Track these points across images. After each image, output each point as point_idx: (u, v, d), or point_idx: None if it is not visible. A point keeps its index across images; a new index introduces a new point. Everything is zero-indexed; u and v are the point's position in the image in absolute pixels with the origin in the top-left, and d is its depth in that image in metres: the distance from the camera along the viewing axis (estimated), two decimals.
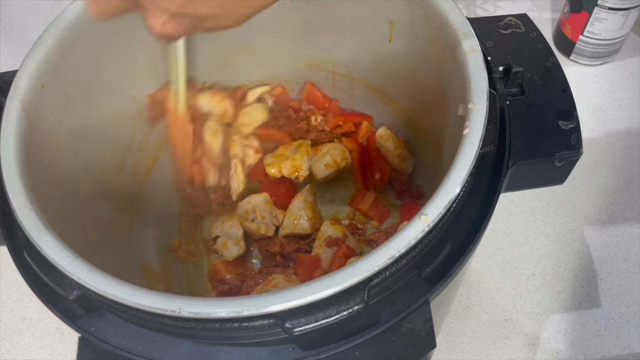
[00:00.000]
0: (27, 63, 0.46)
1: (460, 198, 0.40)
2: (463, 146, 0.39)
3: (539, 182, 0.52)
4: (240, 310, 0.34)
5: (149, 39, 0.57)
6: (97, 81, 0.54)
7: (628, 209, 0.73)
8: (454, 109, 0.45)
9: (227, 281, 0.62)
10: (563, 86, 0.51)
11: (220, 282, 0.62)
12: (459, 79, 0.44)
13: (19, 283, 0.71)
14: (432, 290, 0.41)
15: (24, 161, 0.43)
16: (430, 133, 0.60)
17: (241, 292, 0.61)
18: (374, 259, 0.35)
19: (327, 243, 0.61)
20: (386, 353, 0.40)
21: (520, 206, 0.74)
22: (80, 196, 0.53)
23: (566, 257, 0.70)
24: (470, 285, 0.68)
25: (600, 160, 0.77)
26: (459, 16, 0.45)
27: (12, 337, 0.68)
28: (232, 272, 0.62)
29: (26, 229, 0.38)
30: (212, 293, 0.63)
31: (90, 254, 0.39)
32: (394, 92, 0.64)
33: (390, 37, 0.57)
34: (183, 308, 0.34)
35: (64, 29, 0.48)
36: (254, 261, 0.65)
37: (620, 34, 0.81)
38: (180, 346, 0.41)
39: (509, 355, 0.64)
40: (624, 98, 0.83)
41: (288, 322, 0.35)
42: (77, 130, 0.53)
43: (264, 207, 0.65)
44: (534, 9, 0.95)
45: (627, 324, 0.65)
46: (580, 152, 0.47)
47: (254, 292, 0.60)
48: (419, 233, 0.36)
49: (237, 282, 0.62)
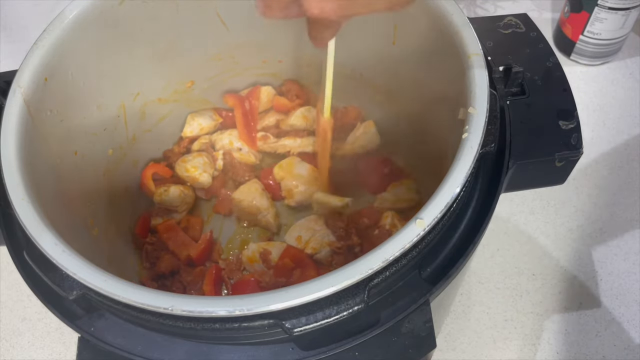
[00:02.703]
0: (29, 59, 0.46)
1: (460, 198, 0.40)
2: (462, 150, 0.39)
3: (539, 182, 0.51)
4: (232, 310, 0.34)
5: (149, 39, 0.57)
6: (98, 79, 0.54)
7: (628, 209, 0.73)
8: (455, 111, 0.45)
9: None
10: (563, 86, 0.51)
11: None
12: (460, 82, 0.44)
13: (19, 283, 0.71)
14: (432, 290, 0.41)
15: (24, 158, 0.43)
16: (431, 134, 0.60)
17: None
18: (369, 262, 0.35)
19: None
20: (386, 353, 0.40)
21: (520, 206, 0.74)
22: (80, 194, 0.53)
23: (566, 257, 0.70)
24: (470, 285, 0.68)
25: (600, 160, 0.77)
26: (462, 20, 0.46)
27: (12, 337, 0.68)
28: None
29: (22, 221, 0.39)
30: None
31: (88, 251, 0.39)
32: (397, 93, 0.64)
33: (394, 39, 0.57)
34: (176, 306, 0.34)
35: (66, 26, 0.49)
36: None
37: (620, 34, 0.81)
38: (180, 346, 0.41)
39: (509, 355, 0.64)
40: (624, 98, 0.83)
41: (288, 322, 0.35)
42: (77, 128, 0.53)
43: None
44: (534, 8, 0.95)
45: (627, 324, 0.65)
46: (580, 152, 0.47)
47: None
48: (414, 237, 0.36)
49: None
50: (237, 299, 0.34)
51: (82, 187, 0.53)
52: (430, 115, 0.58)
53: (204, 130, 0.69)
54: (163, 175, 0.67)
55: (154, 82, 0.62)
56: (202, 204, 0.68)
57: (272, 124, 0.70)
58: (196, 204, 0.68)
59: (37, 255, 0.39)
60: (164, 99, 0.64)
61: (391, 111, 0.67)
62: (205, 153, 0.67)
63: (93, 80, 0.53)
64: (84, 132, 0.54)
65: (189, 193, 0.65)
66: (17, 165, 0.42)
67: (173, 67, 0.62)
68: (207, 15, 0.59)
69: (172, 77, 0.64)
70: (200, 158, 0.66)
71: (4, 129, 0.43)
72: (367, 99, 0.68)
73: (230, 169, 0.68)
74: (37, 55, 0.47)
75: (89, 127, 0.55)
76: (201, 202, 0.68)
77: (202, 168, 0.66)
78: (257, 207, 0.64)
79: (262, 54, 0.66)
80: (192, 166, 0.65)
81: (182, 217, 0.65)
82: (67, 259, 0.37)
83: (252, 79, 0.70)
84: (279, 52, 0.67)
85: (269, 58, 0.67)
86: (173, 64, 0.61)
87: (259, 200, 0.64)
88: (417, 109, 0.62)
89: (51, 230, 0.38)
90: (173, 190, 0.64)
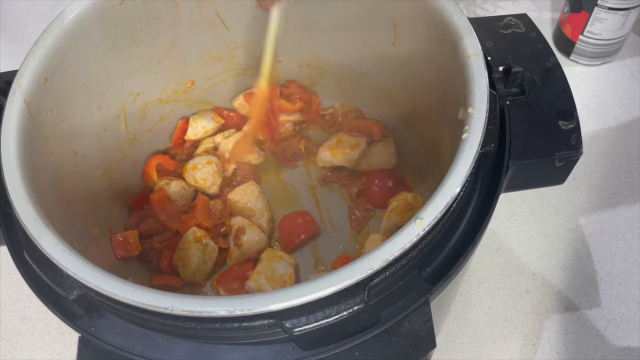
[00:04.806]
0: (30, 59, 0.46)
1: (460, 198, 0.40)
2: (461, 150, 0.39)
3: (539, 182, 0.52)
4: (232, 310, 0.34)
5: (149, 39, 0.57)
6: (98, 79, 0.54)
7: (628, 209, 0.73)
8: (455, 111, 0.45)
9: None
10: (563, 86, 0.51)
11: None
12: (460, 82, 0.44)
13: (19, 283, 0.71)
14: (432, 290, 0.41)
15: (24, 158, 0.43)
16: (431, 134, 0.60)
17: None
18: (369, 262, 0.35)
19: None
20: (386, 353, 0.40)
21: (520, 206, 0.74)
22: (80, 194, 0.53)
23: (566, 257, 0.70)
24: (470, 285, 0.68)
25: (600, 160, 0.77)
26: (462, 20, 0.46)
27: (12, 337, 0.68)
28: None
29: (23, 221, 0.39)
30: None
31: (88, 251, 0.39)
32: (397, 93, 0.64)
33: (394, 39, 0.57)
34: (176, 306, 0.34)
35: (66, 26, 0.49)
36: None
37: (620, 34, 0.81)
38: (180, 346, 0.41)
39: (509, 355, 0.64)
40: (624, 98, 0.83)
41: (288, 322, 0.35)
42: (77, 128, 0.53)
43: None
44: (534, 9, 0.95)
45: (627, 324, 0.65)
46: (580, 152, 0.47)
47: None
48: (413, 237, 0.36)
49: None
50: (237, 299, 0.34)
51: (82, 187, 0.53)
52: (430, 115, 0.58)
53: (208, 133, 0.69)
54: (167, 167, 0.67)
55: (154, 82, 0.62)
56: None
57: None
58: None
59: (38, 255, 0.39)
60: (164, 99, 0.64)
61: (391, 111, 0.67)
62: (216, 160, 0.67)
63: (93, 80, 0.53)
64: (84, 132, 0.54)
65: (189, 189, 0.65)
66: (17, 165, 0.42)
67: (173, 67, 0.62)
68: (207, 15, 0.59)
69: (172, 77, 0.64)
70: (210, 167, 0.66)
71: (4, 129, 0.43)
72: (367, 99, 0.68)
73: (238, 173, 0.68)
74: (37, 55, 0.47)
75: (89, 127, 0.55)
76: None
77: (211, 179, 0.65)
78: (252, 209, 0.64)
79: (262, 54, 0.66)
80: (202, 178, 0.65)
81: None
82: (67, 259, 0.37)
83: (253, 79, 0.70)
84: (279, 52, 0.66)
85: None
86: (173, 64, 0.61)
87: (254, 203, 0.64)
88: (417, 109, 0.62)
89: (51, 230, 0.39)
90: (174, 185, 0.64)
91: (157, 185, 0.64)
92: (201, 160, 0.67)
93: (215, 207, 0.64)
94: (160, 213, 0.63)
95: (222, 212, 0.64)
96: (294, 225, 0.65)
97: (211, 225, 0.63)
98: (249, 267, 0.61)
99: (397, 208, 0.61)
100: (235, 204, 0.64)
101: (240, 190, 0.65)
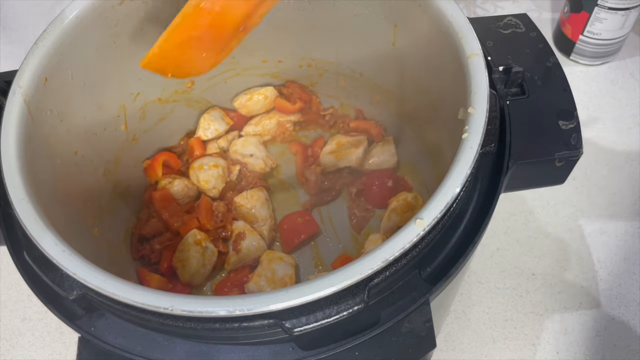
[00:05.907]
0: (29, 59, 0.46)
1: (460, 198, 0.40)
2: (461, 150, 0.39)
3: (539, 182, 0.52)
4: (232, 310, 0.34)
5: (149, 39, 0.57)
6: (98, 79, 0.54)
7: (628, 209, 0.73)
8: (455, 111, 0.45)
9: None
10: (563, 86, 0.51)
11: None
12: (460, 82, 0.44)
13: (19, 283, 0.71)
14: (432, 290, 0.41)
15: (24, 158, 0.43)
16: (431, 134, 0.60)
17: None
18: (369, 262, 0.35)
19: None
20: (386, 353, 0.40)
21: (520, 206, 0.74)
22: (80, 194, 0.53)
23: (566, 257, 0.70)
24: (470, 285, 0.68)
25: (600, 160, 0.77)
26: (462, 20, 0.46)
27: (12, 337, 0.68)
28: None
29: (23, 221, 0.39)
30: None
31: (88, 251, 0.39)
32: (397, 93, 0.64)
33: (394, 39, 0.57)
34: (176, 306, 0.34)
35: (66, 26, 0.49)
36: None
37: (620, 34, 0.81)
38: (180, 346, 0.41)
39: (509, 355, 0.64)
40: (624, 98, 0.83)
41: (288, 322, 0.35)
42: (77, 128, 0.53)
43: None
44: (534, 9, 0.95)
45: (627, 324, 0.65)
46: (580, 152, 0.47)
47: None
48: (413, 237, 0.36)
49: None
50: (237, 299, 0.34)
51: (82, 187, 0.54)
52: (430, 115, 0.58)
53: (219, 135, 0.69)
54: (172, 165, 0.67)
55: (154, 82, 0.62)
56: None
57: (273, 125, 0.70)
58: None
59: (37, 255, 0.39)
60: (164, 99, 0.64)
61: (391, 111, 0.67)
62: (223, 164, 0.67)
63: (93, 80, 0.53)
64: (84, 132, 0.54)
65: (193, 188, 0.65)
66: (17, 165, 0.42)
67: None
68: None
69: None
70: (215, 170, 0.66)
71: (4, 129, 0.43)
72: (367, 99, 0.68)
73: (243, 179, 0.68)
74: (37, 55, 0.47)
75: (89, 127, 0.55)
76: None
77: (214, 182, 0.65)
78: (255, 215, 0.64)
79: (262, 54, 0.66)
80: (204, 179, 0.65)
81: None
82: (67, 259, 0.37)
83: (252, 79, 0.70)
84: (279, 52, 0.67)
85: (269, 58, 0.67)
86: None
87: (258, 210, 0.64)
88: (417, 109, 0.62)
89: (51, 230, 0.39)
90: (177, 183, 0.64)
91: (160, 184, 0.64)
92: (209, 161, 0.66)
93: (218, 209, 0.64)
94: (163, 211, 0.63)
95: (224, 215, 0.64)
96: (294, 225, 0.65)
97: (213, 227, 0.63)
98: (246, 273, 0.61)
99: (397, 208, 0.61)
100: (239, 208, 0.64)
101: (247, 195, 0.65)
